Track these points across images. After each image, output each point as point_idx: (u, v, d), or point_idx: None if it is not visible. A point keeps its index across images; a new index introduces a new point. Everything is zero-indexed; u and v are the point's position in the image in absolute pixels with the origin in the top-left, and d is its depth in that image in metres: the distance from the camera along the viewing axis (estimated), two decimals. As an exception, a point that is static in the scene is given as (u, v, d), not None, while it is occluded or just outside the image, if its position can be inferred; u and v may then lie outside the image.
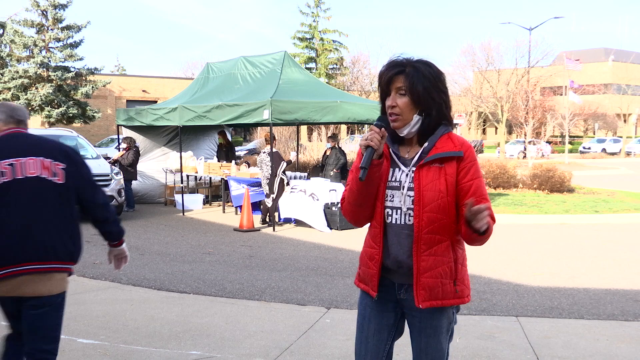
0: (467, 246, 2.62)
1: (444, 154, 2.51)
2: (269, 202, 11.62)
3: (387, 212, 2.56)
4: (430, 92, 2.50)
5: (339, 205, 2.65)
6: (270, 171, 11.43)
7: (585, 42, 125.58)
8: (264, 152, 11.63)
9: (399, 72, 2.52)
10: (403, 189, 2.54)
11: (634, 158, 43.08)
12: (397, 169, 2.58)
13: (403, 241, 2.54)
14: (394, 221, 2.55)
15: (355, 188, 2.53)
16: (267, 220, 11.77)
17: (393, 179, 2.57)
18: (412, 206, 2.52)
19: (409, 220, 2.52)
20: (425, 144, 2.55)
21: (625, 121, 55.36)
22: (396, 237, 2.55)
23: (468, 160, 2.53)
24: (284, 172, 11.69)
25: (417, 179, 2.51)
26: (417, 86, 2.48)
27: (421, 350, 2.63)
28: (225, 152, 15.72)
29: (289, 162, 12.57)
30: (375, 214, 2.59)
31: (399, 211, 2.54)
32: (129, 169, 13.64)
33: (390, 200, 2.57)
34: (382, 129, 2.48)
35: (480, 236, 2.40)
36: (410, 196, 2.52)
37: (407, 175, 2.55)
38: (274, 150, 11.61)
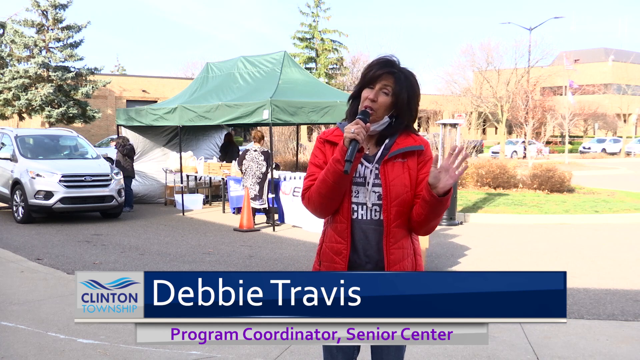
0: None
1: (406, 148, 2.60)
2: (254, 204, 11.43)
3: (353, 208, 2.60)
4: (410, 103, 2.60)
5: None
6: (262, 170, 11.39)
7: (585, 42, 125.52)
8: (256, 150, 11.55)
9: (390, 72, 2.57)
10: (368, 185, 2.59)
11: (634, 158, 43.06)
12: (360, 165, 2.62)
13: (370, 236, 2.60)
14: (359, 217, 2.60)
15: (332, 180, 2.50)
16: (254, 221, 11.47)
17: (357, 175, 2.61)
18: (377, 202, 2.59)
19: (375, 216, 2.60)
20: (387, 141, 2.62)
21: (625, 121, 55.35)
22: (362, 232, 2.60)
23: (427, 154, 2.64)
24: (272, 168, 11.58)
25: (382, 174, 2.58)
26: (403, 92, 2.57)
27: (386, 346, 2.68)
28: (228, 152, 15.68)
29: (277, 167, 12.52)
30: (341, 210, 2.60)
31: (364, 207, 2.60)
32: (124, 166, 13.54)
33: (355, 196, 2.61)
34: (367, 124, 2.52)
35: (438, 204, 2.41)
36: (375, 192, 2.59)
37: (371, 171, 2.60)
38: (264, 149, 11.56)
